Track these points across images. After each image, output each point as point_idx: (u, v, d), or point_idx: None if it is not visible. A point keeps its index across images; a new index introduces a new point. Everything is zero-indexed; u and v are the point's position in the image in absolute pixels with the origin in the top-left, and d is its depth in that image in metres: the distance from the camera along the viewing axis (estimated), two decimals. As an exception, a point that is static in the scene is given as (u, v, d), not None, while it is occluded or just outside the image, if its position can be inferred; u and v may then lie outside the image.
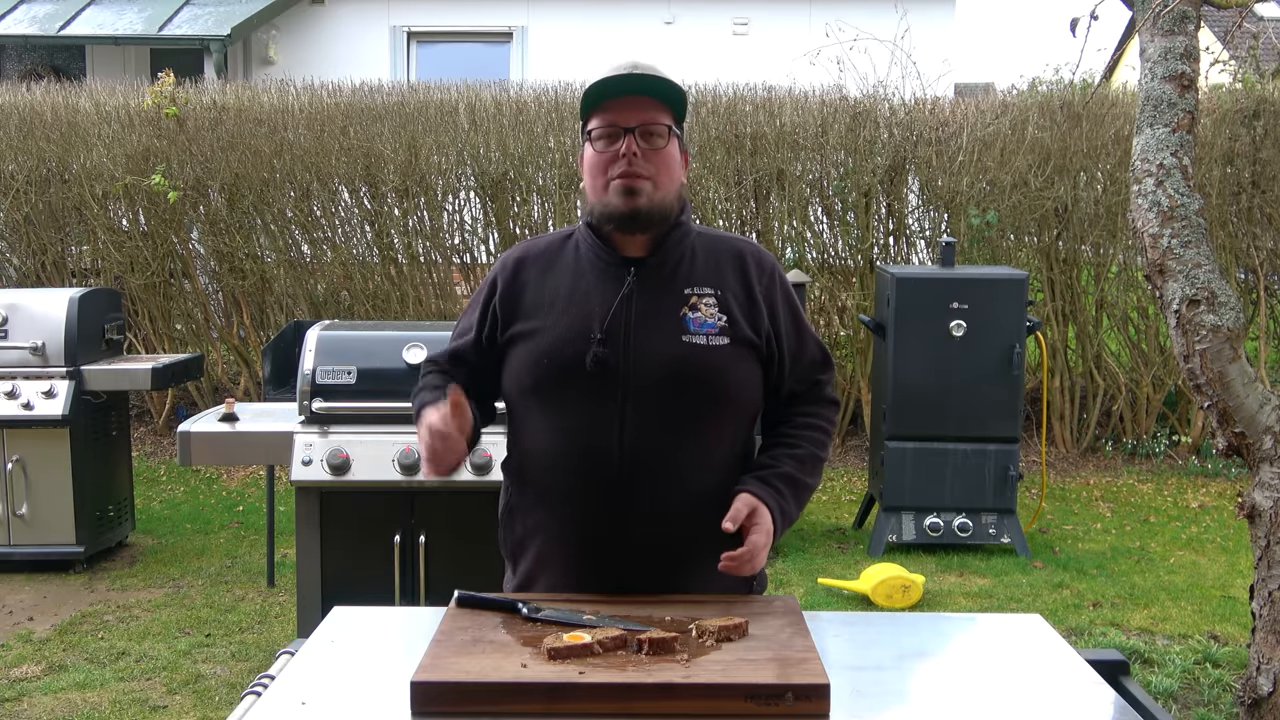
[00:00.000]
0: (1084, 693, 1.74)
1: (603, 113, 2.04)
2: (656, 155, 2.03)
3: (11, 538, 5.22)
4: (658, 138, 2.03)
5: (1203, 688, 4.08)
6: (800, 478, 2.10)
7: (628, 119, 2.02)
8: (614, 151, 2.02)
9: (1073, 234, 7.37)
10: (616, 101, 2.03)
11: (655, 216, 2.04)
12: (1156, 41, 3.35)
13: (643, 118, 2.03)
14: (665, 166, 2.04)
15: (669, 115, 2.06)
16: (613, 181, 2.02)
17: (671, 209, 2.07)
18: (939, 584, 5.23)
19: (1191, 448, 7.51)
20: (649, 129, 2.02)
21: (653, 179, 2.02)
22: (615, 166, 2.02)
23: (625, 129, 2.01)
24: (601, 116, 2.04)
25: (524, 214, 7.60)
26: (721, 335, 2.04)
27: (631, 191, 2.01)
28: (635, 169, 2.01)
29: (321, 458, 3.75)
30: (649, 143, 2.02)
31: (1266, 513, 3.07)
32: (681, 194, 2.12)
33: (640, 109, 2.03)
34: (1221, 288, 3.18)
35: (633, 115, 2.02)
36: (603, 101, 2.04)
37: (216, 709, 3.87)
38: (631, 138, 2.01)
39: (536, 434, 2.08)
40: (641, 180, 2.01)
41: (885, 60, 7.70)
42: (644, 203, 2.02)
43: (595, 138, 2.04)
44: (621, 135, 2.01)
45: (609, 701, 1.59)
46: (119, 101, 7.63)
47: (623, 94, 2.03)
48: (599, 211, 2.05)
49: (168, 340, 7.81)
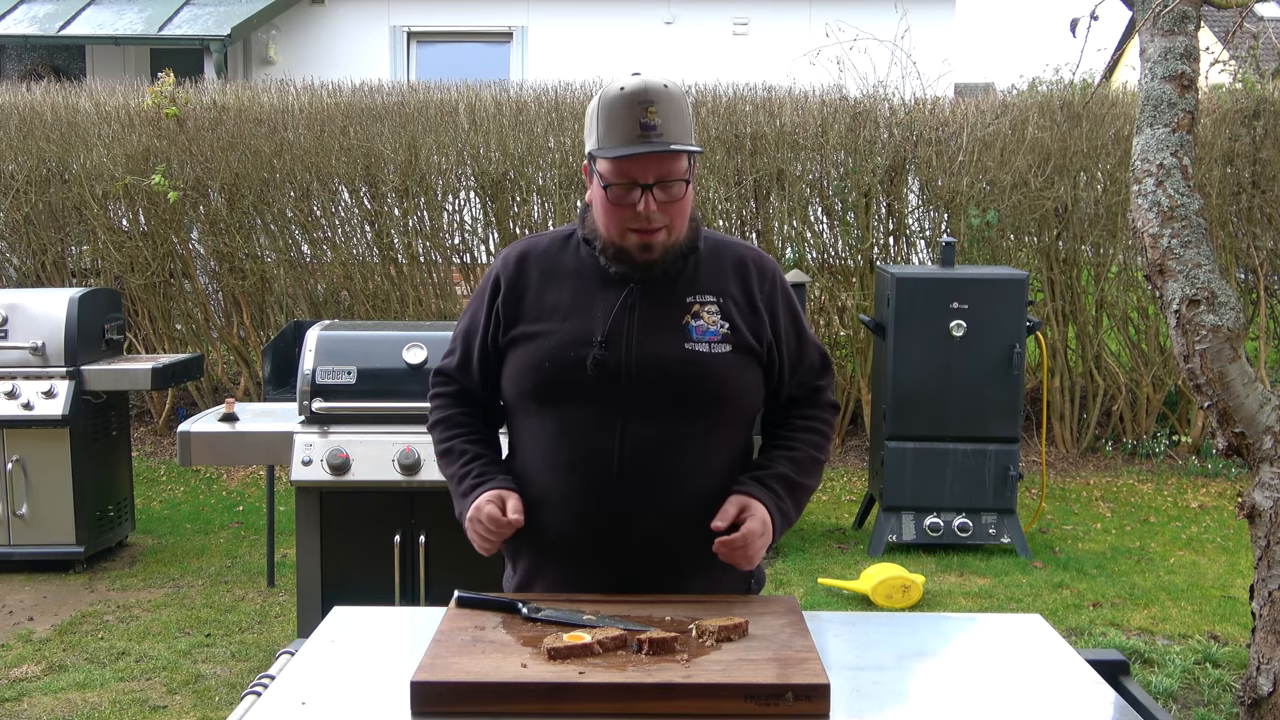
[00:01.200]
0: (1084, 693, 1.74)
1: (618, 161, 1.96)
2: (672, 206, 1.99)
3: (11, 538, 5.22)
4: (674, 189, 1.99)
5: (1203, 688, 4.08)
6: (797, 479, 2.10)
7: (645, 174, 1.96)
8: (629, 204, 1.97)
9: (1073, 234, 7.37)
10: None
11: (668, 258, 2.03)
12: (1156, 41, 3.35)
13: (659, 172, 1.96)
14: (680, 213, 2.01)
15: (685, 162, 1.99)
16: (629, 232, 1.99)
17: (682, 244, 2.05)
18: (939, 584, 5.22)
19: (1191, 448, 7.51)
20: (667, 183, 1.97)
21: (668, 227, 2.00)
22: (631, 219, 1.98)
23: (643, 185, 1.96)
24: (617, 166, 1.96)
25: (524, 214, 7.60)
26: (724, 343, 2.03)
27: (648, 247, 2.00)
28: (653, 225, 1.98)
29: (321, 458, 3.75)
30: (665, 194, 1.98)
31: (1266, 513, 3.07)
32: (695, 220, 2.08)
33: (658, 162, 1.96)
34: (1221, 288, 3.18)
35: (650, 171, 1.96)
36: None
37: (216, 709, 3.87)
38: (649, 196, 1.96)
39: (537, 436, 2.08)
40: (658, 234, 2.00)
41: (885, 60, 7.70)
42: (659, 254, 2.01)
43: (610, 188, 1.98)
44: (639, 190, 1.97)
45: (609, 701, 1.59)
46: (119, 101, 7.63)
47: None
48: (612, 253, 2.03)
49: (168, 340, 7.81)
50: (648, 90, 1.95)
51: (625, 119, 1.94)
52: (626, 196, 1.97)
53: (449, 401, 2.21)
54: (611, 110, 1.96)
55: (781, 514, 2.05)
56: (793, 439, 2.15)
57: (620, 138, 1.95)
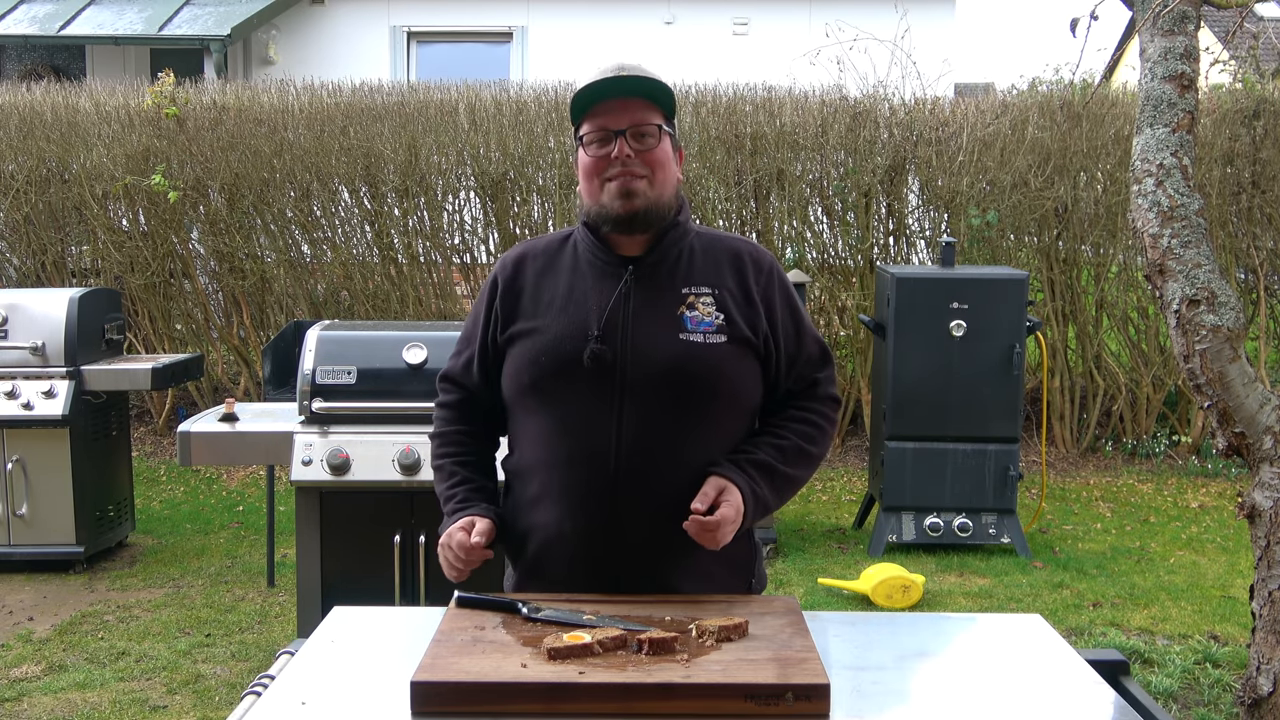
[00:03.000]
0: (1084, 693, 1.74)
1: (593, 117, 2.06)
2: (649, 155, 2.05)
3: (11, 538, 5.23)
4: (649, 138, 2.05)
5: (1203, 688, 4.08)
6: (779, 467, 2.08)
7: (618, 121, 2.04)
8: (607, 154, 2.04)
9: (1073, 234, 7.37)
10: (605, 105, 2.05)
11: (652, 216, 2.05)
12: (1156, 41, 3.35)
13: (632, 119, 2.04)
14: (659, 165, 2.06)
15: (659, 114, 2.07)
16: (608, 184, 2.04)
17: (669, 207, 2.08)
18: (939, 584, 5.22)
19: (1191, 448, 7.51)
20: (639, 130, 2.04)
21: (648, 178, 2.04)
22: (609, 169, 2.04)
23: (616, 131, 2.03)
24: (592, 121, 2.06)
25: (524, 214, 7.60)
26: (719, 333, 2.04)
27: (628, 193, 2.03)
28: (630, 169, 2.03)
29: (321, 458, 3.75)
30: (641, 143, 2.04)
31: (1266, 513, 3.07)
32: (679, 192, 2.13)
33: (629, 111, 2.05)
34: (1221, 288, 3.18)
35: (622, 118, 2.04)
36: (592, 106, 2.06)
37: (216, 709, 3.87)
38: (623, 140, 2.03)
39: (535, 432, 2.09)
40: (637, 180, 2.03)
41: (885, 60, 7.70)
42: (641, 203, 2.04)
43: (587, 142, 2.06)
44: (613, 138, 2.03)
45: (609, 701, 1.59)
46: (119, 101, 7.63)
47: (610, 97, 2.05)
48: (596, 213, 2.07)
49: (168, 340, 7.81)
50: (623, 63, 2.10)
51: (598, 73, 2.08)
52: (603, 149, 2.04)
53: (450, 415, 2.23)
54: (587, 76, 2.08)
55: (757, 500, 2.04)
56: (783, 428, 2.14)
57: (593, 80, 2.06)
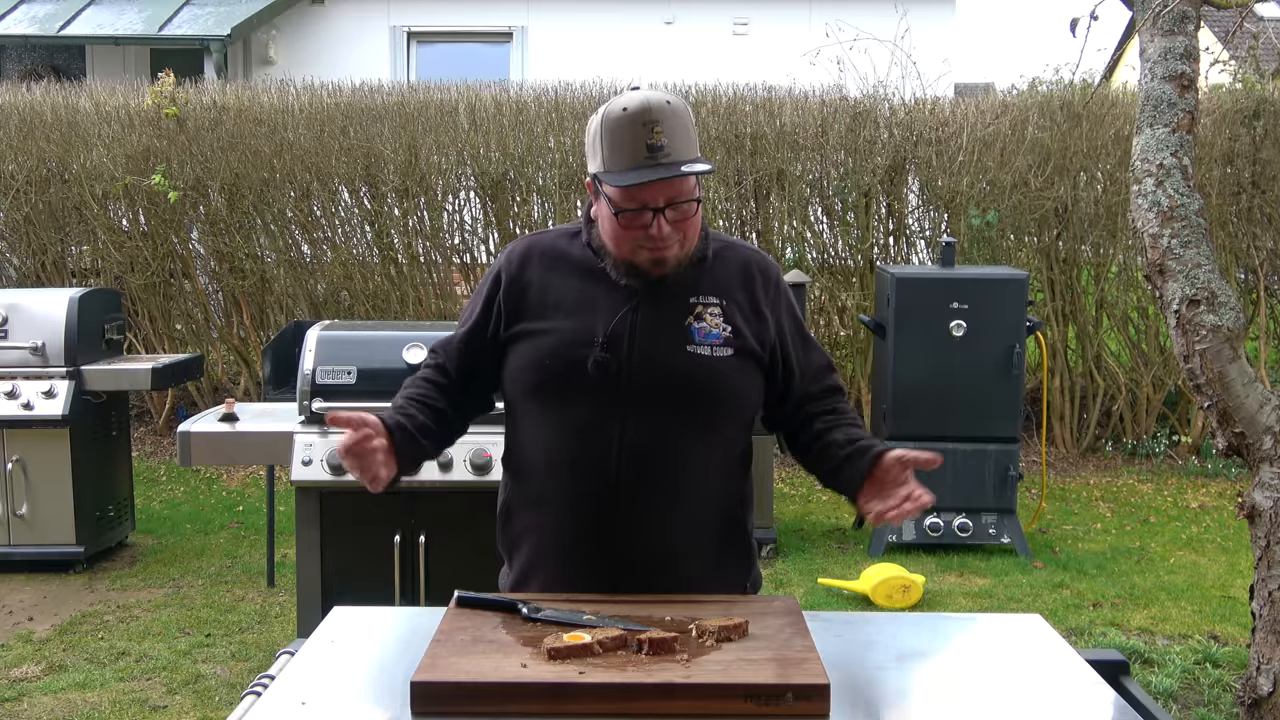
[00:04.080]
0: (1084, 693, 1.73)
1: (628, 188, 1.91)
2: (684, 224, 1.96)
3: (11, 538, 5.22)
4: (687, 208, 1.95)
5: (1203, 688, 4.08)
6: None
7: (655, 198, 1.91)
8: (640, 225, 1.94)
9: (1073, 234, 7.37)
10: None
11: (680, 270, 2.01)
12: (1156, 41, 3.35)
13: (670, 194, 1.92)
14: (691, 231, 1.98)
15: (694, 179, 1.95)
16: (640, 251, 1.96)
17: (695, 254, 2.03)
18: (939, 584, 5.22)
19: (1191, 448, 7.50)
20: (677, 203, 1.93)
21: (680, 243, 1.98)
22: (641, 238, 1.94)
23: (654, 209, 1.92)
24: (627, 192, 1.91)
25: (524, 214, 7.60)
26: (726, 346, 2.02)
27: (660, 262, 1.97)
28: (665, 243, 1.95)
29: (321, 458, 3.75)
30: (677, 212, 1.94)
31: (1266, 513, 3.07)
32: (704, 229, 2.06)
33: (668, 185, 1.91)
34: (1221, 288, 3.18)
35: (660, 194, 1.91)
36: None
37: (216, 709, 3.87)
38: (661, 219, 1.92)
39: (536, 435, 2.08)
40: (670, 250, 1.97)
41: (885, 60, 7.70)
42: (671, 268, 1.99)
43: (618, 211, 1.93)
44: (649, 212, 1.93)
45: (609, 701, 1.58)
46: (119, 101, 7.63)
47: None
48: (624, 268, 1.99)
49: (168, 340, 7.81)
50: (651, 109, 1.90)
51: (630, 142, 1.90)
52: (637, 220, 1.93)
53: (428, 372, 2.19)
54: (616, 132, 1.91)
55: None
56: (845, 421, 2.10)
57: (627, 161, 1.90)
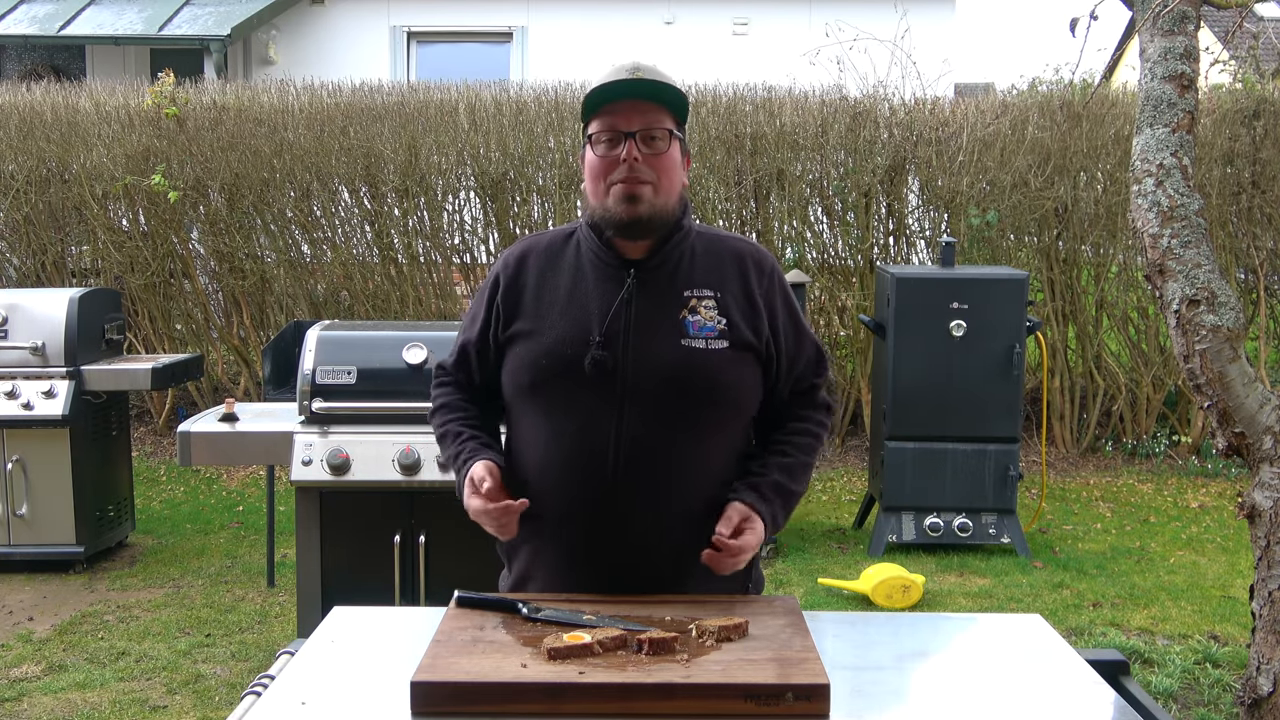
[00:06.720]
0: (1084, 693, 1.74)
1: (604, 116, 2.04)
2: (658, 160, 2.03)
3: (11, 538, 5.22)
4: (659, 141, 2.03)
5: (1203, 688, 4.08)
6: (789, 486, 2.10)
7: (629, 123, 2.02)
8: (615, 156, 2.02)
9: (1073, 234, 7.37)
10: (617, 105, 2.03)
11: (656, 222, 2.04)
12: (1156, 41, 3.35)
13: (644, 121, 2.02)
14: (666, 171, 2.04)
15: (670, 118, 2.06)
16: (614, 187, 2.02)
17: (673, 213, 2.07)
18: (939, 584, 5.22)
19: (1191, 448, 7.51)
20: (650, 133, 2.02)
21: (654, 184, 2.02)
22: (616, 172, 2.01)
23: (626, 133, 2.01)
24: (602, 120, 2.04)
25: (524, 214, 7.60)
26: (721, 339, 2.03)
27: (633, 198, 2.01)
28: (636, 174, 2.01)
29: (321, 458, 3.75)
30: (650, 147, 2.02)
31: (1266, 513, 3.07)
32: (683, 196, 2.11)
33: (641, 113, 2.03)
34: (1221, 288, 3.18)
35: (634, 119, 2.02)
36: (604, 105, 2.04)
37: (216, 709, 3.87)
38: (632, 143, 2.01)
39: (534, 433, 2.08)
40: (643, 186, 2.01)
41: (885, 60, 7.70)
42: (645, 209, 2.02)
43: (596, 141, 2.04)
44: (622, 140, 2.01)
45: (609, 701, 1.59)
46: (119, 101, 7.63)
47: (624, 98, 2.03)
48: (600, 216, 2.05)
49: (168, 340, 7.81)
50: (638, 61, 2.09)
51: (613, 72, 2.06)
52: (612, 150, 2.01)
53: (447, 391, 2.23)
54: (601, 73, 2.07)
55: (774, 522, 2.06)
56: (787, 443, 2.14)
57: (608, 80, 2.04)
